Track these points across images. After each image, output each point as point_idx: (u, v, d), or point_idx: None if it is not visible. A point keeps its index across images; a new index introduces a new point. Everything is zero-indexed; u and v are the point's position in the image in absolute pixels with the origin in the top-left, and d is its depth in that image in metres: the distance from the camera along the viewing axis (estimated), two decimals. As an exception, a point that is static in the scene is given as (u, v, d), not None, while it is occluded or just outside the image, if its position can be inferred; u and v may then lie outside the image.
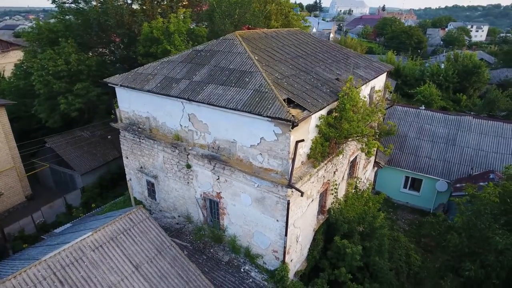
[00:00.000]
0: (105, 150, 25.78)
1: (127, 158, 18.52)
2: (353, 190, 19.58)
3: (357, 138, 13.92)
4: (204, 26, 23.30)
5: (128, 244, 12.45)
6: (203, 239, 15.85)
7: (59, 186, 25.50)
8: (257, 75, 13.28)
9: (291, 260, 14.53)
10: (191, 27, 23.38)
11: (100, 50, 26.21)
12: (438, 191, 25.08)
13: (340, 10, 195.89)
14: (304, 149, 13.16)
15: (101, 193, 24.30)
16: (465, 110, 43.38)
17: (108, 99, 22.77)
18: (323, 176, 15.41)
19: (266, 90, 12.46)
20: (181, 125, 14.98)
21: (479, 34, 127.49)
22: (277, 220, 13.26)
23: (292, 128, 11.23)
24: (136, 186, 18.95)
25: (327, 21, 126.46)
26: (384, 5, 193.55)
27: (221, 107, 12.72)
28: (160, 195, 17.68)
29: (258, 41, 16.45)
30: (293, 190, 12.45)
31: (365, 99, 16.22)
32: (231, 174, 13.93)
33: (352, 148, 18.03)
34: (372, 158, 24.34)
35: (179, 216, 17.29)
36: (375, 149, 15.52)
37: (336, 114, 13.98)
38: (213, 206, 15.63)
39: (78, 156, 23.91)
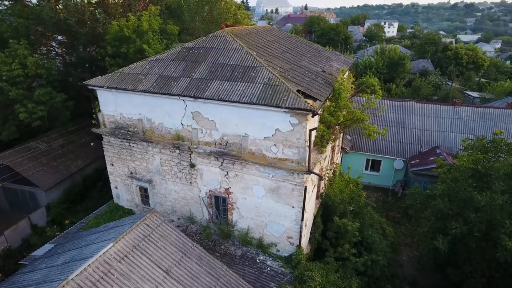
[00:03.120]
0: (66, 161, 23.51)
1: (112, 165, 17.35)
2: (333, 174, 21.12)
3: (353, 123, 15.20)
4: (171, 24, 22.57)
5: (153, 250, 11.97)
6: (212, 237, 15.76)
7: (15, 207, 22.59)
8: (263, 69, 13.69)
9: (302, 244, 15.30)
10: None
11: (56, 52, 23.59)
12: (395, 169, 28.11)
13: (266, 10, 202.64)
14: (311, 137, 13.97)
15: (69, 208, 22.24)
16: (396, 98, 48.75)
17: (73, 104, 20.93)
18: (320, 162, 16.45)
19: (277, 83, 12.96)
20: (182, 124, 14.66)
21: (391, 30, 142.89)
22: (293, 207, 13.89)
23: (313, 116, 11.95)
24: (124, 194, 17.90)
25: (258, 20, 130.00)
26: (306, 4, 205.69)
27: (233, 102, 12.86)
28: (156, 199, 17.00)
29: (247, 37, 16.78)
30: (306, 176, 13.23)
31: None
32: (242, 168, 14.14)
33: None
34: (340, 144, 26.30)
35: (179, 218, 16.84)
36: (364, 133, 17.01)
37: (332, 103, 15.07)
38: (220, 203, 15.62)
39: (39, 171, 21.46)
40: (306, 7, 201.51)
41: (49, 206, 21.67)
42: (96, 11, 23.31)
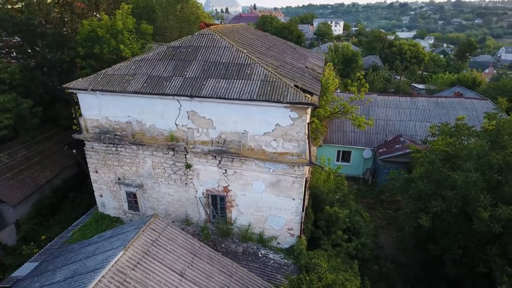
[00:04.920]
0: (33, 173, 21.66)
1: (96, 172, 16.42)
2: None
3: (342, 115, 16.00)
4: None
5: (163, 254, 11.68)
6: (211, 236, 15.65)
7: (-24, 227, 20.37)
8: (257, 66, 13.89)
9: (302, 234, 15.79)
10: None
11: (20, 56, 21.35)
12: (364, 158, 29.86)
13: (216, 9, 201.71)
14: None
15: (41, 223, 20.61)
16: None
17: (42, 110, 19.40)
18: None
19: (274, 79, 13.25)
20: (177, 125, 14.37)
21: (337, 28, 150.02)
22: (293, 199, 14.31)
23: (314, 109, 12.43)
24: (110, 202, 17.03)
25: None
26: (254, 4, 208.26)
27: (232, 99, 12.92)
28: (147, 204, 16.43)
29: (232, 35, 16.84)
30: (307, 168, 13.72)
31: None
32: (241, 165, 14.24)
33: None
34: (314, 138, 27.31)
35: (173, 221, 16.42)
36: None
37: (323, 96, 15.73)
38: (217, 202, 15.54)
39: (4, 185, 19.56)
40: (255, 7, 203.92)
41: (18, 222, 19.89)
42: (55, 10, 21.71)
